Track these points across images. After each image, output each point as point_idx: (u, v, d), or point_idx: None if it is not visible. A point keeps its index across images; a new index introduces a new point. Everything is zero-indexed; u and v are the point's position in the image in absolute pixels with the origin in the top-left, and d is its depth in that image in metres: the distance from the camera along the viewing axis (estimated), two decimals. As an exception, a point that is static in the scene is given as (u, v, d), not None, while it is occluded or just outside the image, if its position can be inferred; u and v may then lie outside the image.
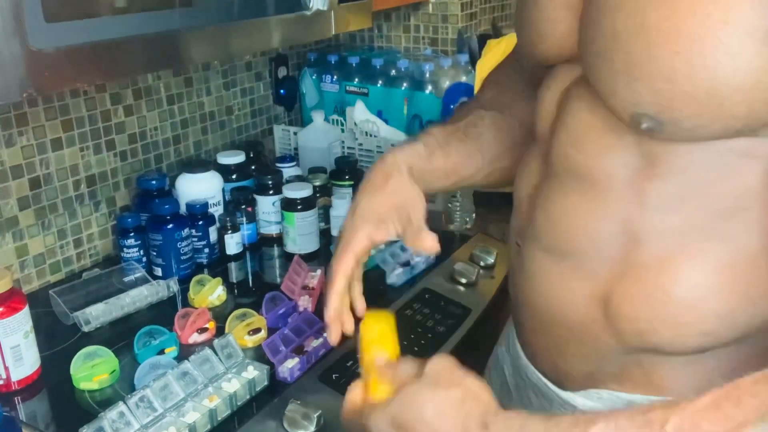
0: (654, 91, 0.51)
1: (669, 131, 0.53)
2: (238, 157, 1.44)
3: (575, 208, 0.62)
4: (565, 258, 0.63)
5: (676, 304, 0.57)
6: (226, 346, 0.96)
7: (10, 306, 0.92)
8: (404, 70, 1.65)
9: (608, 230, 0.59)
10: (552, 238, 0.64)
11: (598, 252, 0.60)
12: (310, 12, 1.07)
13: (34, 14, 0.70)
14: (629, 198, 0.58)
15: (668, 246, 0.57)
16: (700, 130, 0.52)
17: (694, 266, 0.57)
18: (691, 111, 0.51)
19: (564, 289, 0.63)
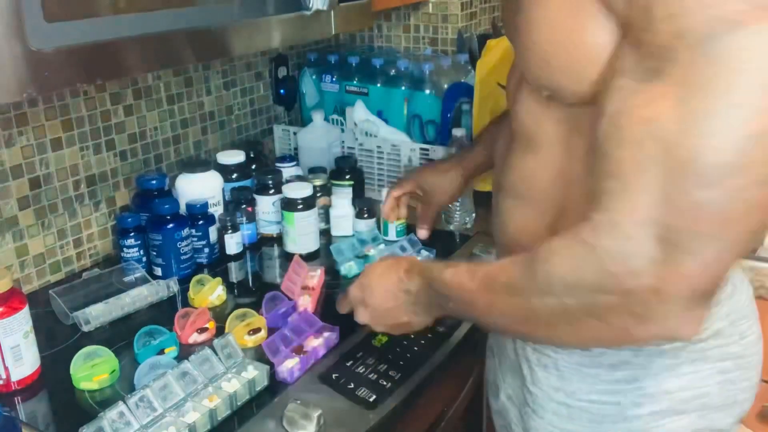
0: (538, 67, 0.69)
1: (561, 96, 0.69)
2: (238, 157, 1.44)
3: (527, 163, 0.79)
4: (524, 201, 0.80)
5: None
6: (226, 346, 0.96)
7: (10, 306, 0.92)
8: (404, 70, 1.65)
9: (548, 178, 0.76)
10: (514, 187, 0.82)
11: (544, 195, 0.77)
12: (310, 12, 1.07)
13: (34, 14, 0.70)
14: (560, 152, 0.74)
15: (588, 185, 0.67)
16: (578, 96, 0.67)
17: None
18: (565, 81, 0.67)
19: (523, 222, 0.81)
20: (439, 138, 1.59)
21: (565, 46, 0.65)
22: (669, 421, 0.77)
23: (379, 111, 1.65)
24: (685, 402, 0.76)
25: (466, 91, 1.56)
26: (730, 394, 0.79)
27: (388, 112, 1.65)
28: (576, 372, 0.78)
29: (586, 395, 0.78)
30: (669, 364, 0.76)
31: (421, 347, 1.04)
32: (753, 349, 0.81)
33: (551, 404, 0.81)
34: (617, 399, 0.77)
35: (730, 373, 0.78)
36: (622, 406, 0.77)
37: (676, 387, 0.76)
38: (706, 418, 0.78)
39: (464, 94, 1.56)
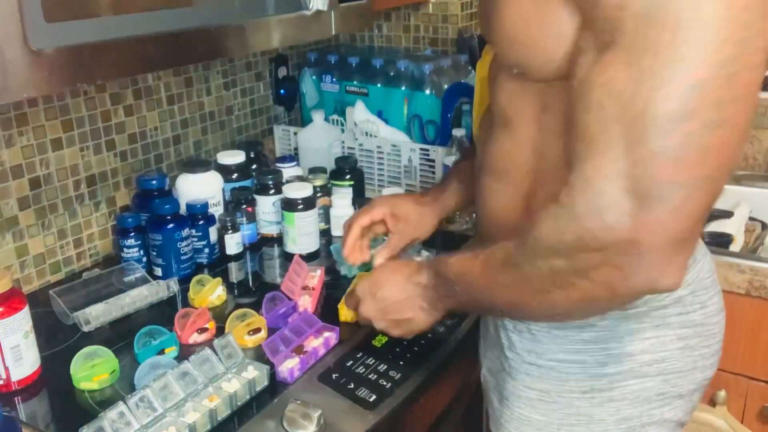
0: (505, 47, 0.75)
1: (529, 73, 0.75)
2: (238, 157, 1.44)
3: (503, 141, 0.84)
4: (499, 177, 0.86)
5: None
6: (226, 346, 0.96)
7: (10, 306, 0.92)
8: (404, 70, 1.65)
9: (523, 154, 0.81)
10: (492, 165, 0.87)
11: (519, 170, 0.82)
12: (310, 12, 1.07)
13: (34, 14, 0.70)
14: (533, 128, 0.79)
15: (560, 159, 0.74)
16: (544, 72, 0.72)
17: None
18: (528, 58, 0.73)
19: (500, 199, 0.86)
20: (439, 138, 1.59)
21: (528, 26, 0.71)
22: (633, 383, 0.82)
23: (379, 111, 1.65)
24: (647, 365, 0.82)
25: (466, 91, 1.56)
26: (689, 360, 0.84)
27: (388, 112, 1.65)
28: (547, 334, 0.84)
29: (555, 354, 0.84)
30: (633, 328, 0.81)
31: (421, 347, 1.04)
32: (714, 319, 0.86)
33: (524, 366, 0.87)
34: (582, 358, 0.82)
35: (690, 340, 0.83)
36: (587, 365, 0.82)
37: (638, 350, 0.81)
38: (669, 383, 0.83)
39: (464, 94, 1.56)
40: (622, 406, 0.83)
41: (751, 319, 1.35)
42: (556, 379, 0.84)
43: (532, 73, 0.74)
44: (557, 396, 0.84)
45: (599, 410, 0.83)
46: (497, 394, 0.93)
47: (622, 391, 0.82)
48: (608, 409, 0.83)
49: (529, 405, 0.87)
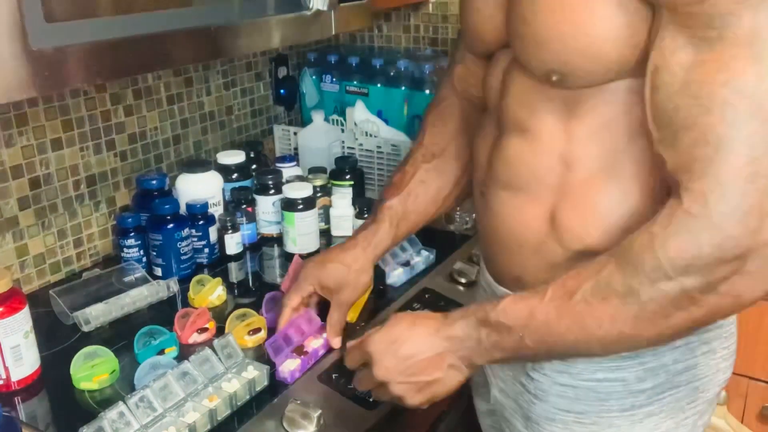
0: (552, 51, 0.70)
1: (572, 80, 0.70)
2: (238, 157, 1.44)
3: (523, 152, 0.79)
4: (519, 191, 0.80)
5: (602, 211, 0.74)
6: (226, 346, 0.96)
7: (10, 306, 0.92)
8: (404, 70, 1.65)
9: (547, 164, 0.77)
10: (509, 178, 0.81)
11: (543, 182, 0.77)
12: (310, 12, 1.07)
13: (34, 14, 0.70)
14: (559, 137, 0.75)
15: (592, 169, 0.74)
16: (592, 76, 0.69)
17: (612, 181, 0.74)
18: (580, 62, 0.69)
19: (520, 214, 0.80)
20: (439, 138, 1.59)
21: (583, 26, 0.67)
22: (668, 394, 0.80)
23: (379, 111, 1.65)
24: (679, 374, 0.80)
25: (466, 91, 1.56)
26: (713, 363, 0.82)
27: (388, 112, 1.65)
28: None
29: (592, 374, 0.80)
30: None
31: (421, 347, 1.04)
32: (731, 319, 0.84)
33: (555, 387, 0.82)
34: (622, 375, 0.79)
35: (713, 343, 0.82)
36: (627, 382, 0.79)
37: (671, 360, 0.79)
38: (698, 389, 0.82)
39: (464, 94, 1.56)
40: (660, 420, 0.80)
41: (751, 319, 1.35)
42: (594, 400, 0.80)
43: (579, 79, 0.71)
44: (596, 417, 0.81)
45: (639, 427, 0.80)
46: (521, 418, 0.88)
47: (659, 405, 0.80)
48: (648, 425, 0.80)
49: (565, 428, 0.83)
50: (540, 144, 0.77)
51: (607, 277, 0.66)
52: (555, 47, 0.69)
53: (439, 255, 1.31)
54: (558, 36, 0.69)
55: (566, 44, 0.68)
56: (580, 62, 0.69)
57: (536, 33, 0.71)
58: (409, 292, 1.21)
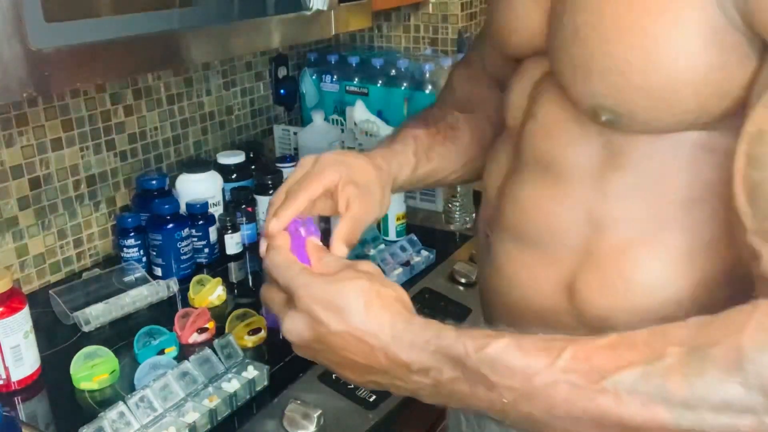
0: (609, 83, 0.55)
1: (626, 123, 0.56)
2: (238, 157, 1.44)
3: (542, 198, 0.64)
4: (531, 246, 0.65)
5: (635, 290, 0.59)
6: (226, 346, 0.96)
7: (10, 306, 0.92)
8: (404, 70, 1.65)
9: (572, 219, 0.62)
10: (520, 227, 0.66)
11: (563, 240, 0.62)
12: (310, 12, 1.07)
13: (34, 14, 0.70)
14: (592, 187, 0.60)
15: (628, 234, 0.59)
16: (655, 122, 0.55)
17: (653, 254, 0.59)
18: (644, 104, 0.54)
19: (530, 276, 0.65)
20: (439, 138, 1.59)
21: (657, 59, 0.52)
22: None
23: (379, 111, 1.65)
24: None
25: (466, 91, 1.56)
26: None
27: (388, 112, 1.65)
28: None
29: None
30: None
31: (421, 347, 1.04)
32: None
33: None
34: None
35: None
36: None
37: None
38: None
39: (464, 94, 1.56)
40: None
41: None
42: None
43: (638, 125, 0.56)
44: None
45: None
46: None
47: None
48: None
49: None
50: (565, 191, 0.62)
51: (662, 373, 0.46)
52: (613, 80, 0.54)
53: (439, 255, 1.31)
54: (621, 66, 0.53)
55: (630, 79, 0.53)
56: (645, 105, 0.54)
57: (587, 53, 0.55)
58: (409, 292, 1.20)
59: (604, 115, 0.56)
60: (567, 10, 0.57)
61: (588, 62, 0.55)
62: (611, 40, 0.54)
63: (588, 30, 0.55)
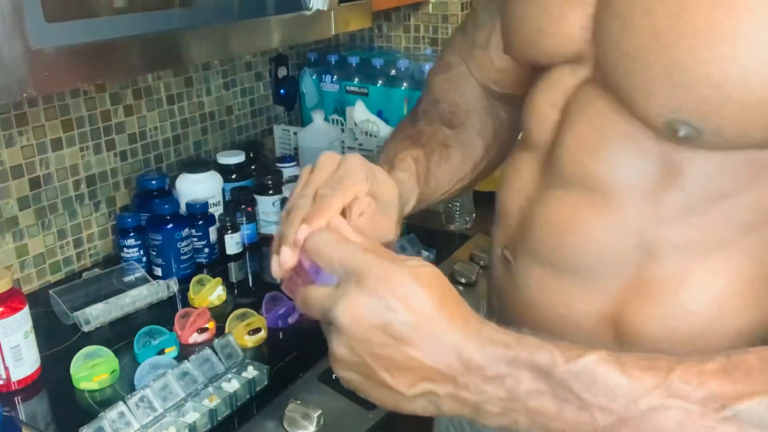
0: (700, 97, 0.48)
1: (707, 139, 0.50)
2: (238, 157, 1.44)
3: (583, 220, 0.57)
4: (569, 274, 0.59)
5: (694, 321, 0.55)
6: (226, 346, 0.96)
7: (10, 306, 0.92)
8: (404, 70, 1.65)
9: (622, 245, 0.56)
10: (555, 252, 0.59)
11: (609, 267, 0.57)
12: (310, 12, 1.07)
13: (34, 14, 0.70)
14: (646, 210, 0.55)
15: (687, 260, 0.54)
16: (743, 139, 0.49)
17: (714, 281, 0.54)
18: (738, 119, 0.48)
19: (567, 307, 0.59)
20: (439, 138, 1.59)
21: (764, 72, 0.45)
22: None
23: (379, 111, 1.65)
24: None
25: (466, 91, 1.56)
26: None
27: (388, 112, 1.65)
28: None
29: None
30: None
31: (421, 347, 1.04)
32: None
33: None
34: None
35: None
36: None
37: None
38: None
39: (464, 94, 1.56)
40: None
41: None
42: None
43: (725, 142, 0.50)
44: None
45: None
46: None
47: None
48: None
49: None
50: (613, 213, 0.56)
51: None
52: (705, 93, 0.47)
53: (439, 255, 1.31)
54: (716, 78, 0.47)
55: (726, 92, 0.47)
56: (738, 120, 0.48)
57: (672, 61, 0.48)
58: (409, 292, 1.20)
59: (683, 131, 0.50)
60: (634, 12, 0.50)
61: (673, 72, 0.48)
62: (705, 47, 0.47)
63: (674, 36, 0.48)
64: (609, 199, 0.56)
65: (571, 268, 0.58)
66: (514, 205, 0.66)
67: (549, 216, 0.60)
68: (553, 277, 0.60)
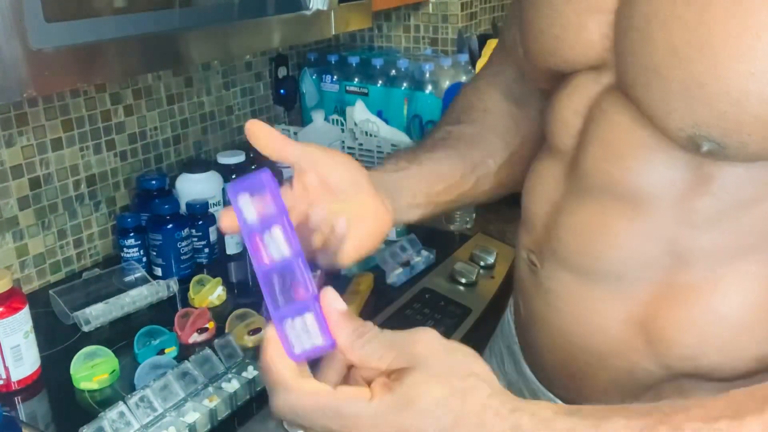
0: (719, 113, 0.47)
1: (732, 154, 0.49)
2: (238, 157, 1.44)
3: (613, 228, 0.57)
4: (597, 280, 0.58)
5: (727, 326, 0.55)
6: (226, 346, 0.96)
7: (10, 306, 0.92)
8: (404, 70, 1.65)
9: (652, 251, 0.55)
10: (582, 258, 0.59)
11: (639, 274, 0.56)
12: (310, 12, 1.07)
13: (34, 14, 0.70)
14: (676, 217, 0.54)
15: (717, 265, 0.54)
16: (766, 153, 0.49)
17: (747, 286, 0.54)
18: (760, 134, 0.47)
19: (595, 313, 0.59)
20: (439, 138, 1.59)
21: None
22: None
23: (379, 111, 1.65)
24: None
25: (466, 91, 1.56)
26: None
27: (388, 112, 1.65)
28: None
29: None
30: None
31: (421, 347, 1.04)
32: None
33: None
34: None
35: None
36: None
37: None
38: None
39: (464, 94, 1.56)
40: None
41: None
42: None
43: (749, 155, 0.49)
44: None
45: None
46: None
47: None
48: None
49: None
50: (642, 219, 0.55)
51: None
52: (725, 109, 0.47)
53: (439, 255, 1.31)
54: (736, 94, 0.46)
55: (746, 109, 0.46)
56: (760, 136, 0.47)
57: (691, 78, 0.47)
58: (409, 292, 1.20)
59: (705, 146, 0.49)
60: (655, 23, 0.49)
61: (691, 88, 0.47)
62: (724, 64, 0.46)
63: (691, 52, 0.47)
64: (637, 207, 0.55)
65: (598, 274, 0.58)
66: (540, 211, 0.65)
67: (575, 222, 0.60)
68: (579, 282, 0.59)
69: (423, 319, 1.12)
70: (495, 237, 1.39)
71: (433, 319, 1.12)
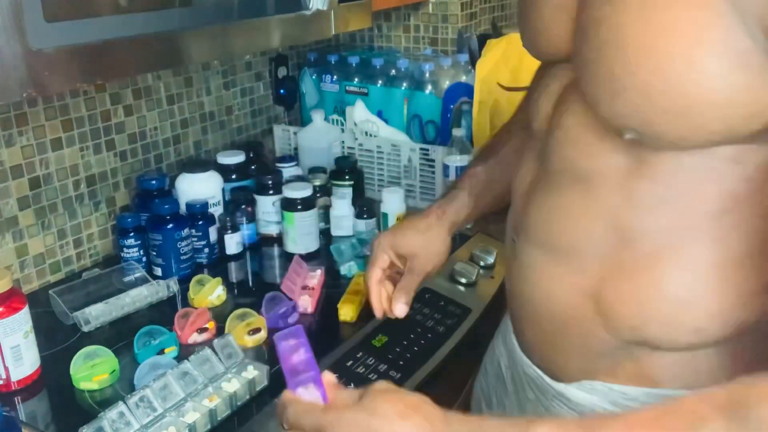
0: (634, 105, 0.53)
1: (652, 142, 0.55)
2: (238, 157, 1.44)
3: (568, 206, 0.64)
4: (556, 254, 0.65)
5: (667, 301, 0.60)
6: (226, 346, 0.96)
7: (10, 306, 0.92)
8: (404, 70, 1.65)
9: (599, 228, 0.61)
10: (545, 234, 0.66)
11: (589, 249, 0.62)
12: (310, 12, 1.07)
13: (34, 14, 0.70)
14: (620, 197, 0.60)
15: (658, 245, 0.59)
16: (682, 142, 0.54)
17: (685, 265, 0.59)
18: (669, 126, 0.53)
19: (556, 284, 0.65)
20: (439, 138, 1.59)
21: (679, 82, 0.50)
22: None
23: (379, 111, 1.65)
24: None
25: (466, 91, 1.56)
26: None
27: (388, 112, 1.65)
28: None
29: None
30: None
31: (421, 347, 1.04)
32: None
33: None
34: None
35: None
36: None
37: None
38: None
39: (464, 94, 1.56)
40: None
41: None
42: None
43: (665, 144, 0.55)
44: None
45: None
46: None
47: None
48: None
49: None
50: (592, 200, 0.61)
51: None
52: (638, 102, 0.53)
53: (439, 255, 1.30)
54: (644, 88, 0.52)
55: (654, 102, 0.52)
56: (670, 127, 0.53)
57: (611, 72, 0.54)
58: (409, 292, 1.20)
59: (628, 134, 0.56)
60: (591, 24, 0.56)
61: (612, 82, 0.54)
62: (633, 60, 0.52)
63: (611, 50, 0.53)
64: (588, 188, 0.62)
65: (559, 250, 0.65)
66: (520, 191, 0.73)
67: (541, 202, 0.67)
68: (545, 257, 0.66)
69: (423, 319, 1.12)
70: (495, 237, 1.39)
71: (433, 319, 1.12)
